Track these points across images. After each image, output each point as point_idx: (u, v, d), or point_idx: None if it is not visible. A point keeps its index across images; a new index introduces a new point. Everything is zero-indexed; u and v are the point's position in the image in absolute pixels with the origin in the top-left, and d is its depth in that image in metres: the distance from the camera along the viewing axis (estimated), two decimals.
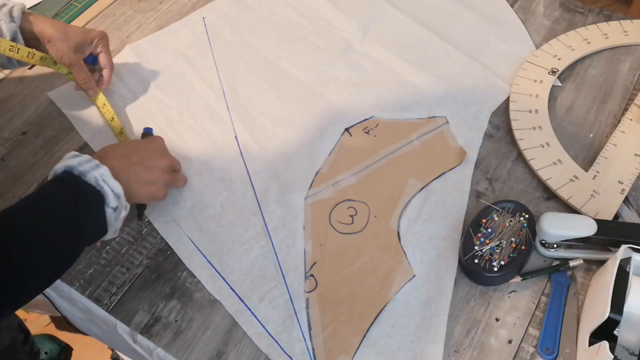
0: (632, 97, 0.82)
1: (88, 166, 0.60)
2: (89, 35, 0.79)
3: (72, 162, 0.60)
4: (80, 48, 0.78)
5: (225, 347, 0.64)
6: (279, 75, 0.87)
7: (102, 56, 0.81)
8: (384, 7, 0.95)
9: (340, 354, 0.62)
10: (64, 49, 0.76)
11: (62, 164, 0.61)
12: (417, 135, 0.79)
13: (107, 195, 0.60)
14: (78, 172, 0.60)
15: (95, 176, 0.60)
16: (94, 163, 0.61)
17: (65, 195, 0.58)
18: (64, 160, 0.61)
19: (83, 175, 0.60)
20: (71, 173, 0.60)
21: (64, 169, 0.60)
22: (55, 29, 0.75)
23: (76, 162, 0.60)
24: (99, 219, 0.60)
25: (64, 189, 0.58)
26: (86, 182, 0.59)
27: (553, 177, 0.73)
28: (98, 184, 0.60)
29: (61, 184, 0.59)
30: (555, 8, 0.94)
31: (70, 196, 0.58)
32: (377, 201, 0.73)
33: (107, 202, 0.60)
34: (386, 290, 0.66)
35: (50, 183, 0.60)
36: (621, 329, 0.56)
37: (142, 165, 0.67)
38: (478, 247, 0.66)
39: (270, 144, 0.79)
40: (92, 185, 0.60)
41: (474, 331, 0.63)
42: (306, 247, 0.70)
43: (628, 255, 0.59)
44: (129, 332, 0.66)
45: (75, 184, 0.59)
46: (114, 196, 0.61)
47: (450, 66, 0.87)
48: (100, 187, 0.60)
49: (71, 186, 0.59)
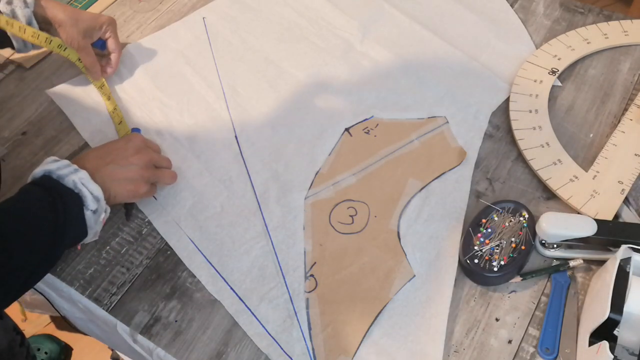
0: (632, 97, 0.82)
1: (67, 170, 0.62)
2: (98, 21, 0.81)
3: (51, 167, 0.62)
4: (89, 33, 0.81)
5: (225, 347, 0.64)
6: (279, 75, 0.87)
7: (110, 41, 0.84)
8: (384, 7, 0.95)
9: (340, 354, 0.62)
10: (74, 34, 0.78)
11: (41, 168, 0.62)
12: (417, 135, 0.79)
13: (86, 198, 0.61)
14: (57, 176, 0.61)
15: (73, 180, 0.61)
16: (72, 167, 0.62)
17: (45, 199, 0.59)
18: (43, 165, 0.62)
19: (61, 179, 0.61)
20: (50, 177, 0.61)
21: (43, 173, 0.61)
22: (66, 14, 0.78)
23: (55, 166, 0.62)
24: (79, 222, 0.61)
25: (43, 193, 0.59)
26: (65, 185, 0.61)
27: (553, 177, 0.73)
28: (77, 187, 0.61)
29: (40, 188, 0.60)
30: (555, 8, 0.94)
31: (49, 199, 0.59)
32: (377, 201, 0.73)
33: (86, 204, 0.61)
34: (386, 290, 0.66)
35: (29, 187, 0.61)
36: (621, 329, 0.56)
37: (117, 163, 0.67)
38: (478, 247, 0.66)
39: (270, 144, 0.79)
40: (71, 189, 0.61)
41: (474, 331, 0.63)
42: (306, 247, 0.70)
43: (628, 255, 0.59)
44: (129, 332, 0.66)
45: (55, 187, 0.60)
46: (93, 199, 0.62)
47: (450, 66, 0.87)
48: (78, 190, 0.61)
49: (50, 190, 0.60)
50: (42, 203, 0.59)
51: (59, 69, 0.91)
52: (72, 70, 0.90)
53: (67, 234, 0.60)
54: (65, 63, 0.91)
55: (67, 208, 0.60)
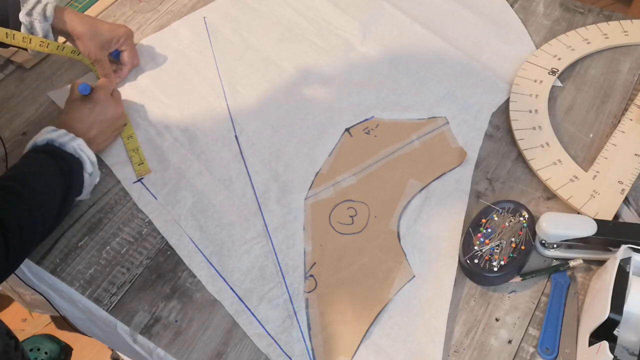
0: (632, 97, 0.82)
1: (66, 138, 0.70)
2: (115, 33, 0.83)
3: (52, 135, 0.69)
4: (106, 45, 0.83)
5: (225, 347, 0.64)
6: (279, 75, 0.87)
7: (125, 54, 0.86)
8: (384, 8, 0.95)
9: (340, 354, 0.62)
10: (91, 47, 0.81)
11: (42, 137, 0.69)
12: (417, 136, 0.79)
13: (85, 162, 0.70)
14: (58, 144, 0.69)
15: (73, 146, 0.70)
16: (70, 135, 0.70)
17: (53, 164, 0.67)
18: (44, 134, 0.70)
19: (63, 146, 0.69)
20: (52, 145, 0.69)
21: (46, 142, 0.69)
22: (85, 27, 0.80)
23: (55, 135, 0.69)
24: (79, 183, 0.70)
25: (50, 159, 0.67)
26: (66, 151, 0.69)
27: (553, 177, 0.73)
28: (77, 152, 0.70)
29: (46, 154, 0.68)
30: (555, 8, 0.94)
31: (57, 164, 0.67)
32: (377, 201, 0.73)
33: (85, 168, 0.71)
34: (386, 291, 0.66)
35: (35, 154, 0.69)
36: (621, 329, 0.56)
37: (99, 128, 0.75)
38: (478, 247, 0.66)
39: (270, 144, 0.79)
40: (72, 154, 0.69)
41: (474, 331, 0.63)
42: (306, 248, 0.70)
43: (628, 255, 0.59)
44: (129, 332, 0.66)
45: (58, 153, 0.68)
46: (90, 163, 0.71)
47: (451, 66, 0.87)
48: (79, 156, 0.70)
49: (55, 155, 0.68)
50: (52, 167, 0.67)
51: (59, 70, 0.91)
52: (73, 71, 0.90)
53: (72, 192, 0.69)
54: (66, 64, 0.91)
55: (71, 171, 0.68)
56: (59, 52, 0.81)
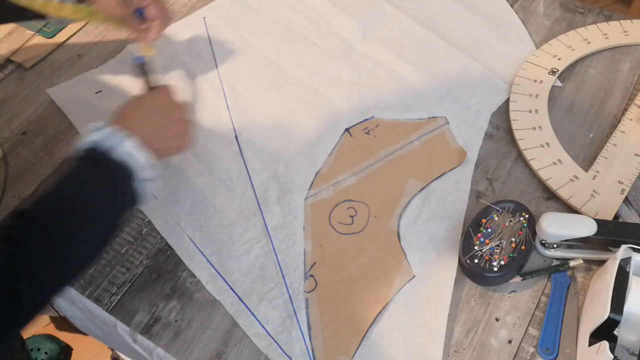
0: (632, 97, 0.82)
1: (113, 140, 0.57)
2: None
3: (96, 136, 0.57)
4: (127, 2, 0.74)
5: (225, 347, 0.64)
6: (279, 75, 0.87)
7: (149, 8, 0.76)
8: (384, 7, 0.95)
9: (340, 354, 0.62)
10: (111, 4, 0.73)
11: (86, 138, 0.58)
12: (417, 136, 0.79)
13: (137, 169, 0.58)
14: (105, 149, 0.57)
15: (123, 151, 0.57)
16: (119, 135, 0.58)
17: (97, 177, 0.56)
18: (88, 135, 0.58)
19: (110, 152, 0.57)
20: (98, 150, 0.57)
21: (90, 145, 0.57)
22: None
23: (101, 135, 0.57)
24: (130, 193, 0.59)
25: (95, 171, 0.56)
26: (114, 159, 0.57)
27: (553, 177, 0.73)
28: (126, 159, 0.57)
29: (91, 164, 0.57)
30: (555, 8, 0.94)
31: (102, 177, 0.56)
32: (377, 201, 0.73)
33: (136, 176, 0.58)
34: (386, 291, 0.66)
35: (79, 163, 0.57)
36: (621, 329, 0.56)
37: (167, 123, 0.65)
38: (478, 247, 0.66)
39: (271, 144, 0.79)
40: (121, 162, 0.57)
41: (474, 331, 0.63)
42: (306, 248, 0.70)
43: (628, 255, 0.59)
44: (129, 332, 0.66)
45: (104, 162, 0.57)
46: (143, 168, 0.59)
47: (451, 66, 0.87)
48: (129, 163, 0.57)
49: (101, 166, 0.56)
50: (96, 183, 0.56)
51: (59, 69, 0.91)
52: (72, 70, 0.90)
53: (122, 209, 0.58)
54: (65, 63, 0.91)
55: (119, 183, 0.57)
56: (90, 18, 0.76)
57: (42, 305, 0.53)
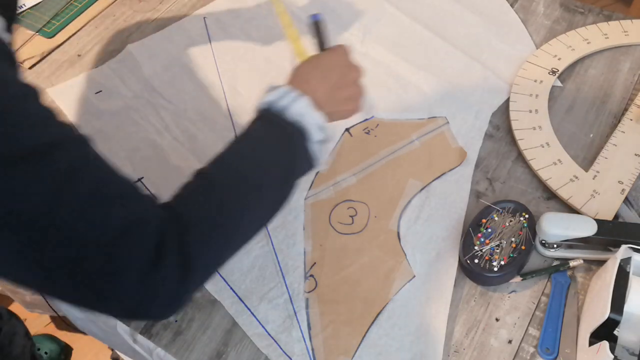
0: (632, 97, 0.82)
1: (287, 100, 0.57)
2: None
3: (271, 97, 0.58)
4: None
5: (225, 347, 0.64)
6: (279, 75, 0.87)
7: None
8: (384, 7, 0.95)
9: (340, 355, 0.62)
10: None
11: (263, 99, 0.59)
12: (417, 136, 0.79)
13: (311, 129, 0.57)
14: (279, 109, 0.57)
15: (296, 111, 0.57)
16: (292, 95, 0.58)
17: (270, 134, 0.56)
18: (264, 94, 0.59)
19: (284, 112, 0.57)
20: (272, 111, 0.57)
21: (265, 106, 0.58)
22: None
23: (276, 95, 0.58)
24: (306, 155, 0.58)
25: (268, 127, 0.57)
26: (288, 119, 0.57)
27: (553, 177, 0.73)
28: (299, 119, 0.57)
29: (266, 123, 0.57)
30: (555, 8, 0.94)
31: (274, 135, 0.56)
32: (377, 201, 0.73)
33: (310, 137, 0.57)
34: (386, 291, 0.66)
35: (254, 124, 0.58)
36: (621, 329, 0.56)
37: (341, 84, 0.63)
38: (478, 247, 0.66)
39: None
40: (294, 122, 0.57)
41: (474, 331, 0.63)
42: (306, 248, 0.70)
43: (628, 255, 0.59)
44: (129, 332, 0.66)
45: (278, 122, 0.57)
46: (317, 129, 0.58)
47: (451, 66, 0.87)
48: (302, 123, 0.57)
49: (275, 124, 0.57)
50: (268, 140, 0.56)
51: (58, 69, 0.91)
52: (72, 70, 0.90)
53: (297, 170, 0.57)
54: (65, 63, 0.91)
55: (293, 142, 0.57)
56: None
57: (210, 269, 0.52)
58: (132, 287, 0.45)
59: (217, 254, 0.52)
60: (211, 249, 0.50)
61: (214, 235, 0.50)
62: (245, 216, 0.53)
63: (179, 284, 0.47)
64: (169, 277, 0.46)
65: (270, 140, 0.56)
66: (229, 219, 0.51)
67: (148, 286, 0.46)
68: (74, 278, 0.44)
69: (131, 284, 0.45)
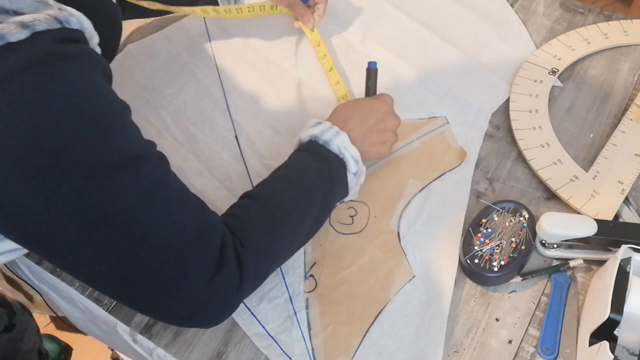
0: (632, 97, 0.82)
1: (330, 134, 0.65)
2: None
3: (315, 131, 0.65)
4: None
5: (225, 347, 0.64)
6: (279, 75, 0.87)
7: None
8: (384, 7, 0.95)
9: (340, 355, 0.62)
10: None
11: (306, 133, 0.66)
12: (417, 136, 0.79)
13: (348, 162, 0.65)
14: (322, 142, 0.65)
15: (337, 144, 0.64)
16: (334, 130, 0.65)
17: (313, 163, 0.63)
18: (307, 130, 0.66)
19: (327, 144, 0.64)
20: (316, 143, 0.65)
21: (309, 138, 0.65)
22: None
23: (319, 130, 0.65)
24: (343, 184, 0.66)
25: (311, 157, 0.64)
26: (330, 150, 0.64)
27: (553, 177, 0.73)
28: (340, 152, 0.65)
29: (310, 153, 0.64)
30: (555, 8, 0.94)
31: (317, 164, 0.63)
32: (377, 201, 0.73)
33: (348, 168, 0.65)
34: (386, 291, 0.66)
35: (300, 154, 0.66)
36: (621, 329, 0.56)
37: (377, 128, 0.70)
38: (478, 247, 0.66)
39: (271, 144, 0.79)
40: (336, 154, 0.64)
41: (474, 331, 0.63)
42: (306, 247, 0.69)
43: (628, 255, 0.59)
44: (129, 332, 0.66)
45: (321, 153, 0.64)
46: (353, 162, 0.65)
47: (451, 66, 0.87)
48: (342, 155, 0.65)
49: (317, 154, 0.64)
50: (315, 169, 0.63)
51: None
52: None
53: (334, 198, 0.65)
54: None
55: (335, 172, 0.64)
56: (261, 12, 0.86)
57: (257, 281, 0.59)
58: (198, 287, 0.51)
59: (264, 267, 0.59)
60: (261, 262, 0.57)
61: (263, 249, 0.57)
62: (290, 235, 0.60)
63: (234, 291, 0.54)
64: (228, 283, 0.53)
65: (314, 168, 0.63)
66: (278, 240, 0.58)
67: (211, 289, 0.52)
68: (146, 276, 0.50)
69: (198, 284, 0.51)
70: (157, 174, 0.51)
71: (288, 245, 0.61)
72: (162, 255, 0.50)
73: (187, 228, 0.51)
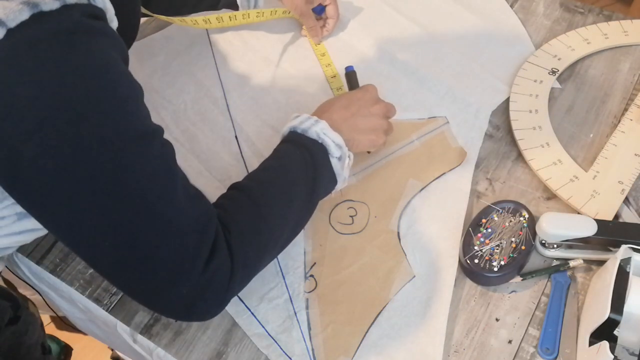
0: (632, 97, 0.82)
1: (308, 123, 0.66)
2: None
3: (294, 122, 0.67)
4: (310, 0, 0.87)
5: (225, 347, 0.64)
6: (279, 75, 0.87)
7: (329, 8, 0.89)
8: (383, 9, 0.95)
9: (340, 355, 0.62)
10: (298, 2, 0.85)
11: (286, 126, 0.67)
12: (417, 136, 0.79)
13: (329, 146, 0.65)
14: (301, 130, 0.65)
15: (316, 131, 0.65)
16: (313, 120, 0.66)
17: (295, 151, 0.64)
18: (288, 122, 0.67)
19: (305, 132, 0.65)
20: (295, 132, 0.66)
21: (289, 130, 0.67)
22: None
23: (298, 121, 0.67)
24: (328, 170, 0.65)
25: (293, 147, 0.64)
26: (309, 137, 0.65)
27: (553, 177, 0.73)
28: (319, 137, 0.65)
29: (291, 144, 0.65)
30: (555, 8, 0.94)
31: (299, 152, 0.64)
32: (377, 201, 0.73)
33: (330, 152, 0.65)
34: (386, 291, 0.66)
35: (282, 145, 0.66)
36: (621, 329, 0.56)
37: (360, 114, 0.70)
38: (478, 247, 0.66)
39: (271, 144, 0.79)
40: (315, 139, 0.65)
41: (474, 331, 0.63)
42: (306, 248, 0.70)
43: (628, 255, 0.59)
44: (129, 332, 0.66)
45: (301, 141, 0.65)
46: (335, 146, 0.65)
47: (451, 67, 0.87)
48: (322, 140, 0.65)
49: (297, 143, 0.65)
50: (294, 157, 0.63)
51: None
52: None
53: (320, 184, 0.64)
54: None
55: (315, 157, 0.64)
56: (272, 16, 0.89)
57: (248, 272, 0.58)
58: (196, 273, 0.51)
59: (253, 254, 0.58)
60: (248, 246, 0.57)
61: (248, 234, 0.57)
62: (278, 224, 0.60)
63: (228, 277, 0.54)
64: (221, 269, 0.53)
65: (296, 157, 0.63)
66: (264, 226, 0.58)
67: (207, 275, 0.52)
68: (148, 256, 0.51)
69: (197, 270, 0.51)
70: (166, 152, 0.53)
71: (277, 231, 0.61)
72: (165, 236, 0.51)
73: (189, 211, 0.52)
